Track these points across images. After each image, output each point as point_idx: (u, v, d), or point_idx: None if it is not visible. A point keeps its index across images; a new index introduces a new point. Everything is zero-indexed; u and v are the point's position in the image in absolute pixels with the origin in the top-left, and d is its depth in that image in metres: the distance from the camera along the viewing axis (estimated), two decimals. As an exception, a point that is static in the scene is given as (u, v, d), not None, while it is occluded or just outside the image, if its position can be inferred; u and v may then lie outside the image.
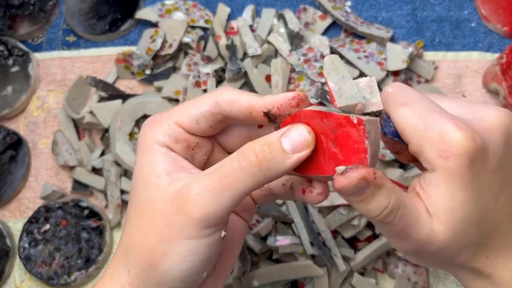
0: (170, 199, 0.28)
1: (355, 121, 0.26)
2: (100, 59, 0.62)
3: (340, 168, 0.26)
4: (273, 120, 0.29)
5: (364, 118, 0.26)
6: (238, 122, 0.30)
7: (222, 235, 0.28)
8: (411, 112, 0.27)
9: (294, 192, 0.32)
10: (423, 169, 0.28)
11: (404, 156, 0.30)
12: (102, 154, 0.56)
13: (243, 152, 0.27)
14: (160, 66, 0.59)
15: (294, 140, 0.27)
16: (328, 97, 0.28)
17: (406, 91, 0.29)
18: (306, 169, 0.28)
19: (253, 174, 0.27)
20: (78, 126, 0.58)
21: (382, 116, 0.29)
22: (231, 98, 0.29)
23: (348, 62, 0.55)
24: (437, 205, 0.27)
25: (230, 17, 0.61)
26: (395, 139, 0.29)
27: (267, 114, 0.28)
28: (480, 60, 0.58)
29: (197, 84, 0.56)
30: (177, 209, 0.27)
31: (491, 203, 0.28)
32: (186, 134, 0.30)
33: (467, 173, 0.26)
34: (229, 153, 0.33)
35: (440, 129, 0.26)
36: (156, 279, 0.28)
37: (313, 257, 0.49)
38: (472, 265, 0.29)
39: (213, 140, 0.32)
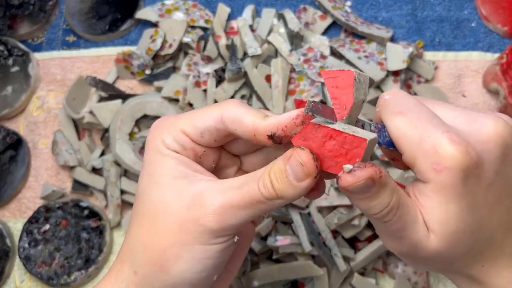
0: (186, 204, 0.28)
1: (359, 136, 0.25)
2: (100, 59, 0.62)
3: (347, 167, 0.25)
4: (279, 142, 0.28)
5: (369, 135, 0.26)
6: (243, 140, 0.30)
7: (235, 240, 0.29)
8: (407, 122, 0.27)
9: None
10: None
11: (401, 164, 0.30)
12: (102, 154, 0.56)
13: (262, 179, 0.27)
14: (160, 66, 0.59)
15: (295, 171, 0.27)
16: (320, 107, 0.27)
17: (403, 99, 0.28)
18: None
19: (273, 199, 0.27)
20: (78, 126, 0.58)
21: (377, 125, 0.28)
22: (236, 117, 0.29)
23: (348, 62, 0.55)
24: (430, 216, 0.27)
25: (230, 17, 0.61)
26: (390, 148, 0.28)
27: (271, 137, 0.28)
28: (480, 60, 0.58)
29: (197, 84, 0.56)
30: (195, 216, 0.27)
31: (486, 214, 0.27)
32: (193, 143, 0.30)
33: (461, 187, 0.26)
34: (236, 156, 0.33)
35: (433, 141, 0.26)
36: (165, 281, 0.28)
37: (313, 257, 0.49)
38: (466, 272, 0.29)
39: (220, 147, 0.32)
